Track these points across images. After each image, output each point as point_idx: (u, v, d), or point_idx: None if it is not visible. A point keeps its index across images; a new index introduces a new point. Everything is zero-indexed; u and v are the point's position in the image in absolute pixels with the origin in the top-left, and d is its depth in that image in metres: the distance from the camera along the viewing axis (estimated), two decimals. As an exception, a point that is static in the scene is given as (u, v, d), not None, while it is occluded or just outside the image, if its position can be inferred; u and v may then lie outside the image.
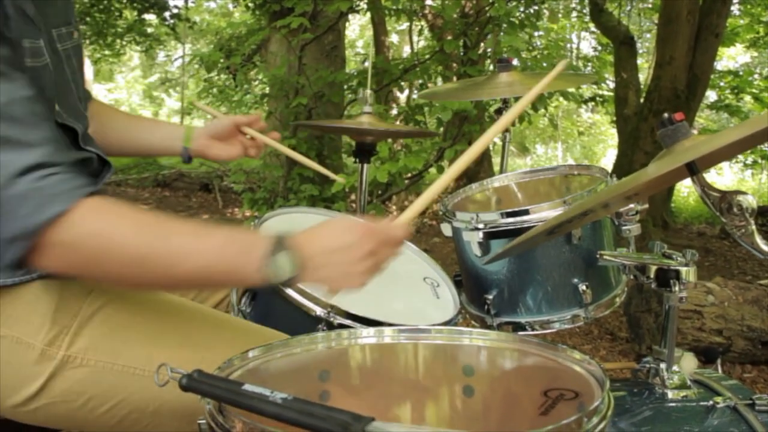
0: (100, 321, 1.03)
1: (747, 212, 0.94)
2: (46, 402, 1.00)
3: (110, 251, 0.90)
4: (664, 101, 7.83)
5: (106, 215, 0.91)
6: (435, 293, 1.45)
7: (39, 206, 0.86)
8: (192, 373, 0.70)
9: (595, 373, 0.76)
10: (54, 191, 0.88)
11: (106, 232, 0.90)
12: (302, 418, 0.59)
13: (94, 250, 0.90)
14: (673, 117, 0.96)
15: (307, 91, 3.42)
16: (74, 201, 0.88)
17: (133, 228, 0.92)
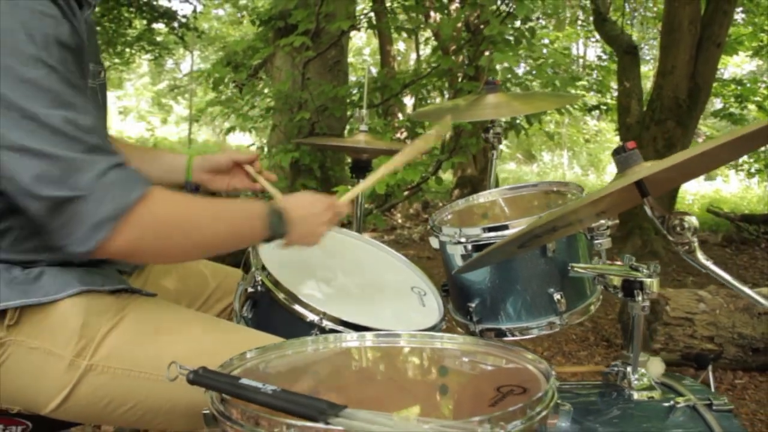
0: (118, 334, 1.16)
1: (689, 231, 1.07)
2: (74, 403, 1.14)
3: (175, 223, 1.13)
4: (665, 110, 7.92)
5: (170, 198, 1.13)
6: (421, 301, 1.57)
7: (127, 191, 1.05)
8: (197, 370, 0.83)
9: (543, 370, 0.88)
10: (133, 182, 1.07)
11: (173, 210, 1.13)
12: (287, 406, 0.71)
13: (164, 225, 1.11)
14: (626, 146, 1.08)
15: (310, 105, 3.55)
16: (148, 188, 1.08)
17: (188, 207, 1.17)
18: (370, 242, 1.78)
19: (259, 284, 1.39)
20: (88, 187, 1.01)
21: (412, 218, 9.52)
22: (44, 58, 1.00)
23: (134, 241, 1.06)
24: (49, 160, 0.99)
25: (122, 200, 1.03)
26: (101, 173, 1.02)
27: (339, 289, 1.51)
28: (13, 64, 0.98)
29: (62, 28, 1.05)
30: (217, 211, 1.20)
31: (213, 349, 1.17)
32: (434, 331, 1.41)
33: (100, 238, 1.02)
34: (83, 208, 1.01)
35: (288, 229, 1.26)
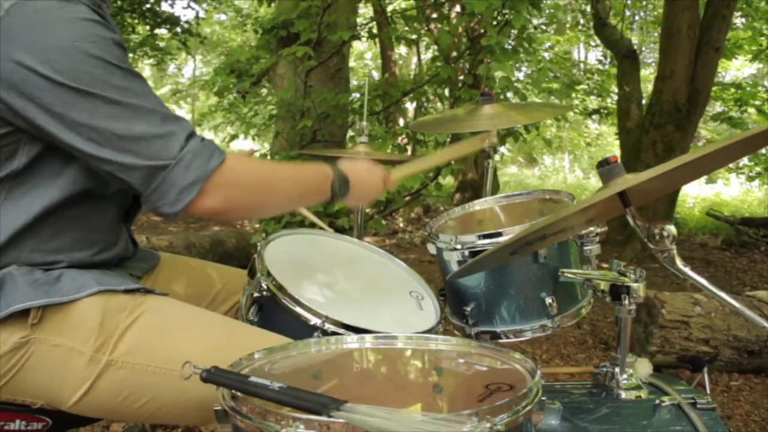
0: (135, 331, 1.24)
1: (668, 240, 1.14)
2: (94, 397, 1.21)
3: (257, 182, 1.31)
4: (665, 114, 7.99)
5: (248, 161, 1.34)
6: (419, 305, 1.64)
7: (208, 158, 1.20)
8: (210, 369, 0.90)
9: (529, 369, 0.96)
10: (214, 147, 1.22)
11: (253, 170, 1.32)
12: (293, 401, 0.79)
13: (247, 184, 1.28)
14: (609, 159, 1.16)
15: (313, 113, 3.63)
16: (225, 153, 1.23)
17: (266, 168, 1.38)
18: (371, 248, 1.85)
19: (265, 289, 1.46)
20: (175, 155, 1.17)
21: (414, 222, 9.59)
22: (110, 59, 1.14)
23: (220, 200, 1.22)
24: (139, 138, 1.15)
25: (204, 166, 1.19)
26: (183, 143, 1.18)
27: (340, 294, 1.58)
28: (92, 69, 1.12)
29: (111, 31, 1.18)
30: (293, 174, 1.39)
31: (224, 346, 1.24)
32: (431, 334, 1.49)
33: (187, 200, 1.19)
34: (172, 176, 1.17)
35: (349, 191, 1.45)
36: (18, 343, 1.19)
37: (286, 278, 1.47)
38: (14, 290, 1.18)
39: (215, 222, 8.32)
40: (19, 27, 1.10)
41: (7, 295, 1.18)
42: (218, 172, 1.20)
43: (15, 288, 1.18)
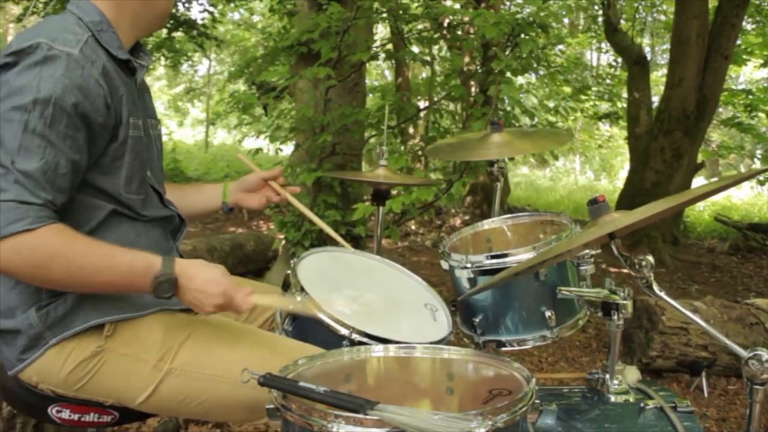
0: (191, 343, 1.46)
1: (646, 268, 1.34)
2: (157, 399, 1.44)
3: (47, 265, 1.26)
4: (674, 121, 8.13)
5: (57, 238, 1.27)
6: (433, 316, 1.84)
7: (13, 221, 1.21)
8: (266, 375, 1.12)
9: (525, 376, 1.17)
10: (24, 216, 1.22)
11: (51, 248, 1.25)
12: (335, 401, 1.00)
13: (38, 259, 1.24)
14: (598, 199, 1.36)
15: (332, 127, 3.84)
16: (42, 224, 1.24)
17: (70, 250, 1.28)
18: (391, 264, 2.06)
19: (299, 302, 1.67)
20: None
21: (425, 225, 9.79)
22: (35, 112, 1.26)
23: (2, 262, 1.23)
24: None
25: (2, 226, 1.20)
26: (3, 199, 1.21)
27: (364, 306, 1.79)
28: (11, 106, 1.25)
29: (75, 97, 1.30)
30: (102, 263, 1.31)
31: (266, 355, 1.46)
32: (444, 343, 1.70)
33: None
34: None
35: (174, 295, 1.36)
36: (94, 351, 1.41)
37: (317, 292, 1.68)
38: (92, 307, 1.40)
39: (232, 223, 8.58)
40: (9, 65, 1.30)
41: (86, 311, 1.40)
42: (12, 239, 1.21)
43: (92, 305, 1.41)
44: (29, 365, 1.40)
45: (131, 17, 1.49)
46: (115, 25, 1.45)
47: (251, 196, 1.93)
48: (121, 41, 1.46)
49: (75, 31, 1.37)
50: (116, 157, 1.43)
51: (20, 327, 1.38)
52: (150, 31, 1.58)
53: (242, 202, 1.92)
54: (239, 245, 5.79)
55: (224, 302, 1.38)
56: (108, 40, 1.42)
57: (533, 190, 17.58)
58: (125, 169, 1.46)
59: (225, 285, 1.38)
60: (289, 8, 5.27)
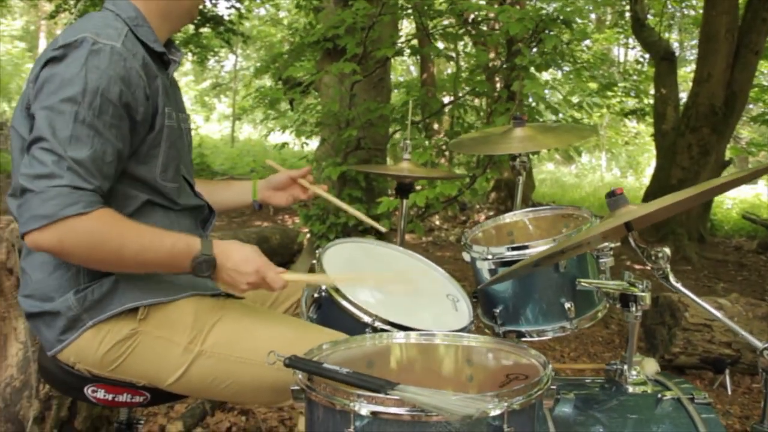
0: (220, 327, 1.52)
1: (662, 260, 1.37)
2: (187, 380, 1.50)
3: (98, 244, 1.34)
4: (701, 118, 8.05)
5: (107, 221, 1.35)
6: (455, 306, 1.88)
7: (65, 205, 1.28)
8: (291, 357, 1.17)
9: (542, 362, 1.21)
10: (79, 200, 1.30)
11: (101, 231, 1.34)
12: (358, 382, 1.05)
13: (89, 240, 1.33)
14: (616, 191, 1.39)
15: (357, 122, 3.89)
16: (93, 208, 1.32)
17: (117, 231, 1.37)
18: (414, 256, 2.10)
19: (323, 290, 1.72)
20: (41, 186, 1.29)
21: (450, 220, 9.81)
22: (84, 103, 1.33)
23: (54, 244, 1.31)
24: (38, 160, 1.31)
25: (56, 210, 1.28)
26: (59, 185, 1.29)
27: (388, 295, 1.83)
28: (62, 99, 1.33)
29: (119, 88, 1.38)
30: (146, 244, 1.39)
31: (291, 339, 1.51)
32: (464, 332, 1.74)
33: (27, 228, 1.30)
34: (31, 202, 1.29)
35: (212, 275, 1.44)
36: (128, 334, 1.48)
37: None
38: (126, 291, 1.47)
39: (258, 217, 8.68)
40: (59, 60, 1.37)
41: (121, 295, 1.47)
42: (71, 219, 1.29)
43: (127, 290, 1.47)
44: (67, 346, 1.47)
45: (162, 13, 1.55)
46: (148, 20, 1.51)
47: (279, 194, 1.98)
48: (156, 35, 1.52)
49: (115, 26, 1.44)
50: (153, 146, 1.50)
51: (59, 309, 1.44)
52: (180, 27, 1.65)
53: (270, 200, 1.98)
54: (265, 238, 5.87)
55: (257, 279, 1.45)
56: (144, 34, 1.49)
57: (558, 187, 17.49)
58: (161, 156, 1.52)
59: (258, 263, 1.46)
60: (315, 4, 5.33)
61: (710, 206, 9.12)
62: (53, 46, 1.40)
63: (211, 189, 1.92)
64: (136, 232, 1.40)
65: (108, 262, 1.41)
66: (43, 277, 1.47)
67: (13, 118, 1.49)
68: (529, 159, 2.25)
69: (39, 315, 1.48)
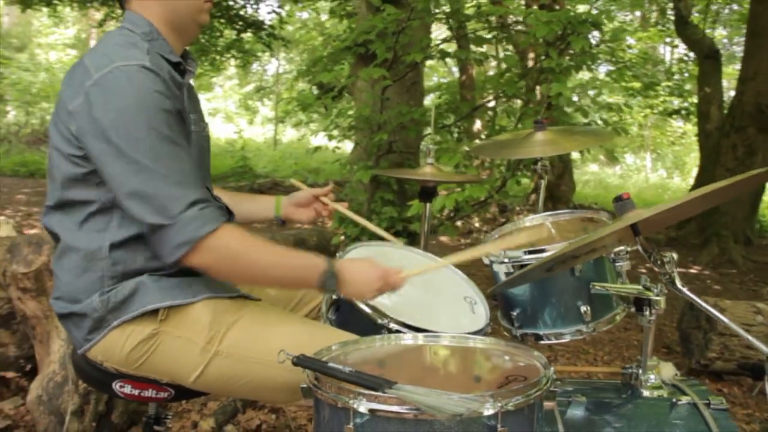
0: (237, 328, 1.58)
1: (669, 264, 1.38)
2: (205, 378, 1.56)
3: (236, 257, 1.48)
4: (746, 117, 7.85)
5: (237, 235, 1.48)
6: (472, 309, 1.92)
7: (201, 225, 1.42)
8: (299, 356, 1.22)
9: (543, 364, 1.24)
10: (209, 217, 1.44)
11: (236, 245, 1.48)
12: (359, 380, 1.10)
13: (228, 254, 1.47)
14: (623, 196, 1.41)
15: (388, 126, 3.94)
16: (220, 223, 1.45)
17: (250, 245, 1.50)
18: (434, 259, 2.14)
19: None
20: (173, 218, 1.41)
21: (489, 222, 9.78)
22: (155, 126, 1.42)
23: (204, 262, 1.46)
24: (149, 196, 1.41)
25: (196, 232, 1.42)
26: (184, 209, 1.41)
27: (405, 298, 1.87)
28: (137, 134, 1.41)
29: (168, 98, 1.47)
30: (279, 259, 1.53)
31: (306, 341, 1.56)
32: (480, 335, 1.77)
33: (178, 255, 1.44)
34: (169, 233, 1.42)
35: (339, 288, 1.54)
36: (150, 334, 1.55)
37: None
38: (147, 294, 1.55)
39: (297, 219, 8.79)
40: (98, 93, 1.44)
41: (142, 297, 1.54)
42: (208, 239, 1.42)
43: (148, 292, 1.55)
44: (95, 345, 1.56)
45: (173, 27, 1.62)
46: (162, 33, 1.60)
47: (301, 210, 2.05)
48: (171, 47, 1.60)
49: (137, 44, 1.52)
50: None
51: (86, 311, 1.53)
52: (191, 38, 1.71)
53: (293, 216, 2.05)
54: (302, 240, 5.96)
55: (382, 285, 1.57)
56: (160, 47, 1.57)
57: (602, 188, 17.21)
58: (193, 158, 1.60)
59: (379, 270, 1.58)
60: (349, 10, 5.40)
61: (758, 207, 8.87)
62: (87, 78, 1.46)
63: (237, 200, 2.00)
64: (265, 247, 1.52)
65: (248, 277, 1.57)
66: (71, 279, 1.56)
67: (51, 137, 1.57)
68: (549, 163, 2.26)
69: (68, 316, 1.57)
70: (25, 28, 22.28)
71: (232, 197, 1.99)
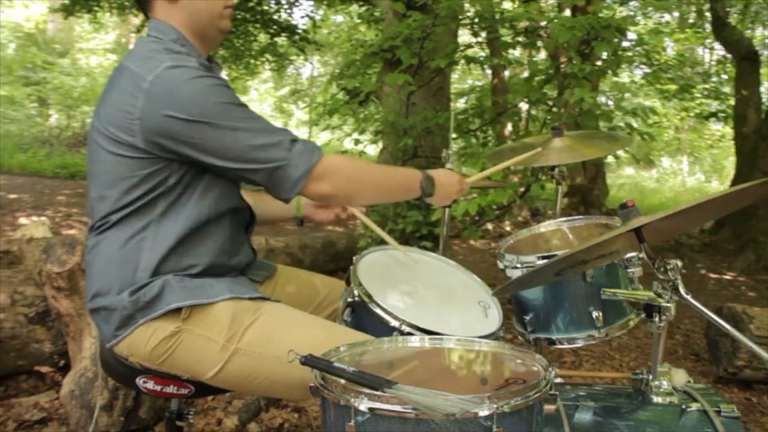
0: (256, 328, 1.64)
1: (672, 272, 1.40)
2: (224, 374, 1.63)
3: (350, 176, 1.67)
4: (786, 120, 7.69)
5: (342, 157, 1.72)
6: (485, 313, 1.95)
7: (310, 155, 1.59)
8: (308, 355, 1.28)
9: (543, 366, 1.27)
10: (313, 147, 1.62)
11: (345, 164, 1.68)
12: (360, 380, 1.15)
13: (343, 175, 1.66)
14: (628, 203, 1.43)
15: (414, 131, 3.99)
16: (323, 151, 1.62)
17: (357, 164, 1.73)
18: (449, 263, 2.18)
19: (356, 296, 1.82)
20: (285, 158, 1.57)
21: (521, 226, 9.75)
22: (224, 99, 1.56)
23: (326, 185, 1.62)
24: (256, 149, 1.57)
25: (309, 162, 1.59)
26: (289, 146, 1.58)
27: (418, 301, 1.92)
28: (213, 108, 1.54)
29: (218, 79, 1.60)
30: (387, 170, 1.87)
31: (321, 341, 1.61)
32: (492, 339, 1.81)
33: (299, 188, 1.60)
34: (286, 172, 1.58)
35: (433, 191, 1.81)
36: (173, 331, 1.63)
37: (374, 287, 1.82)
38: (172, 293, 1.62)
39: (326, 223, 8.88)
40: (160, 91, 1.53)
41: (166, 296, 1.62)
42: (319, 165, 1.59)
43: (172, 291, 1.62)
44: (122, 340, 1.64)
45: (195, 32, 1.71)
46: (188, 39, 1.69)
47: (321, 210, 2.12)
48: (198, 52, 1.68)
49: (173, 48, 1.61)
50: None
51: (116, 307, 1.61)
52: (214, 44, 1.80)
53: (313, 216, 2.12)
54: (331, 243, 6.04)
55: (461, 187, 1.95)
56: (190, 52, 1.65)
57: (638, 192, 16.98)
58: None
59: (456, 176, 1.95)
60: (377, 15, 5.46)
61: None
62: (141, 80, 1.55)
63: (259, 200, 2.06)
64: (364, 162, 1.76)
65: (370, 188, 1.74)
66: (101, 275, 1.64)
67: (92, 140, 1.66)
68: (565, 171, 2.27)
69: (98, 311, 1.66)
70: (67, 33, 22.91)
71: (255, 198, 2.06)
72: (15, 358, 2.88)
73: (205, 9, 1.68)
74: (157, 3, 1.68)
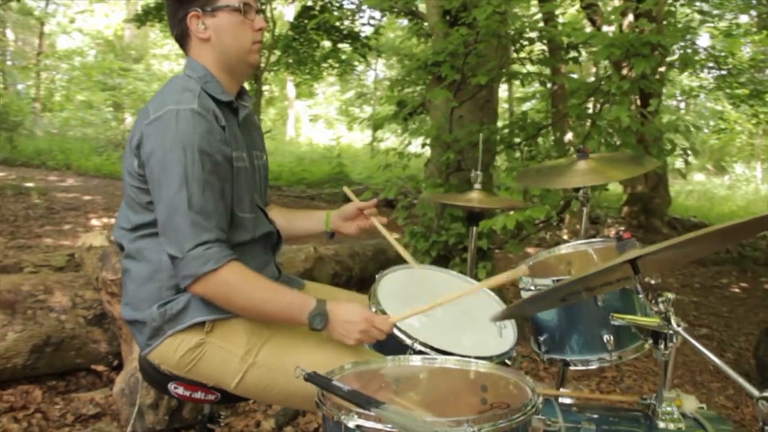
0: (271, 343, 1.77)
1: (664, 304, 1.44)
2: (244, 384, 1.77)
3: (234, 292, 1.67)
4: None
5: (237, 273, 1.67)
6: (500, 333, 2.01)
7: (202, 264, 1.62)
8: (311, 373, 1.39)
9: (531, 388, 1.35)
10: (210, 258, 1.63)
11: (234, 282, 1.67)
12: (352, 398, 1.25)
13: (227, 289, 1.67)
14: (623, 236, 1.48)
15: (458, 145, 4.07)
16: (222, 263, 1.64)
17: (248, 283, 1.69)
18: (468, 281, 2.25)
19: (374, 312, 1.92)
20: (183, 254, 1.63)
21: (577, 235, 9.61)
22: (186, 160, 1.63)
23: (206, 293, 1.67)
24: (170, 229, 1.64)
25: (198, 269, 1.63)
26: (192, 247, 1.62)
27: (434, 320, 2.00)
28: (179, 167, 1.63)
29: (206, 140, 1.67)
30: (271, 295, 1.71)
31: (331, 358, 1.72)
32: (506, 358, 1.87)
33: (185, 285, 1.66)
34: (179, 265, 1.65)
35: (323, 327, 1.70)
36: (197, 343, 1.77)
37: (392, 305, 1.91)
38: (196, 307, 1.76)
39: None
40: (152, 131, 1.67)
41: (191, 310, 1.76)
42: (206, 276, 1.63)
43: (197, 306, 1.76)
44: (153, 350, 1.79)
45: (224, 68, 1.84)
46: (216, 76, 1.82)
47: (348, 223, 2.21)
48: (223, 87, 1.81)
49: (191, 88, 1.74)
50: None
51: (146, 319, 1.77)
52: (244, 76, 1.93)
53: (341, 229, 2.22)
54: (382, 251, 6.13)
55: (367, 327, 1.70)
56: (213, 89, 1.79)
57: (707, 200, 16.40)
58: (236, 192, 1.80)
59: (365, 313, 1.72)
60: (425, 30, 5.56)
61: None
62: (146, 118, 1.71)
63: (293, 217, 2.20)
64: (260, 285, 1.71)
65: (242, 309, 1.73)
66: (134, 289, 1.80)
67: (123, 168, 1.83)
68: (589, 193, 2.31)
69: (132, 322, 1.82)
70: (142, 40, 23.94)
71: (288, 215, 2.19)
72: (75, 356, 3.11)
73: (233, 47, 1.82)
74: (192, 42, 1.83)
